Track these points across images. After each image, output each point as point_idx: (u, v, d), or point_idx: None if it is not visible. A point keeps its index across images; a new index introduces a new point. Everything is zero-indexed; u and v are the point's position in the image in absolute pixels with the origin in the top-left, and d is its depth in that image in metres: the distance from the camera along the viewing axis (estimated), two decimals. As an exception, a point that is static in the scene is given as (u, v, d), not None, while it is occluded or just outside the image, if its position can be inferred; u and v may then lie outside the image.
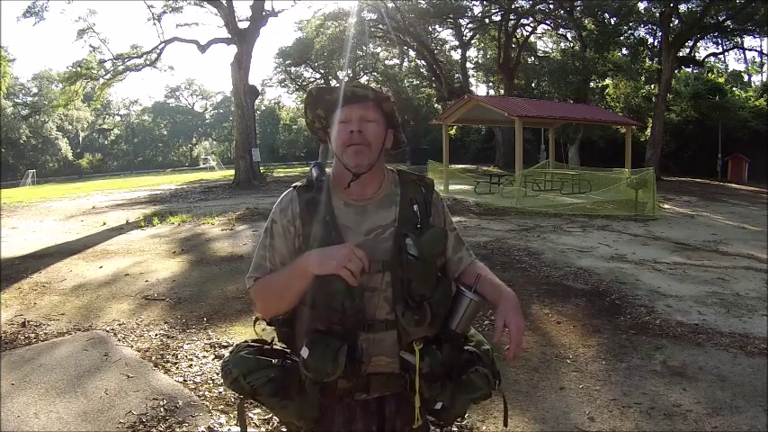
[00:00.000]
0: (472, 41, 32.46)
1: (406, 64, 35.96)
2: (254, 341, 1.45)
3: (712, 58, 28.24)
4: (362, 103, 1.34)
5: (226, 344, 3.99)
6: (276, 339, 1.47)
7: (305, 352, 1.29)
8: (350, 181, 1.34)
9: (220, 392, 3.22)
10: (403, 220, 1.37)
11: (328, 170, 1.45)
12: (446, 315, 1.36)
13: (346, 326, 1.30)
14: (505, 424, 1.56)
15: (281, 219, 1.39)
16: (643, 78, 24.95)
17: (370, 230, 1.36)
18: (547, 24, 28.73)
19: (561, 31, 28.74)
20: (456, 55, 32.98)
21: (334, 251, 1.25)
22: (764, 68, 31.97)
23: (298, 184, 1.42)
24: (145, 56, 22.08)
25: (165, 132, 57.99)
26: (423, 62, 31.69)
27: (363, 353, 1.31)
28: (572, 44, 27.51)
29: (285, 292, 1.32)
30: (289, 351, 1.43)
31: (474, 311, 1.35)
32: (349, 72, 31.61)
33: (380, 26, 27.81)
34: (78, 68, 21.49)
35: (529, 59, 31.38)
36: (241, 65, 18.77)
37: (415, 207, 1.38)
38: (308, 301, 1.32)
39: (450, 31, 31.01)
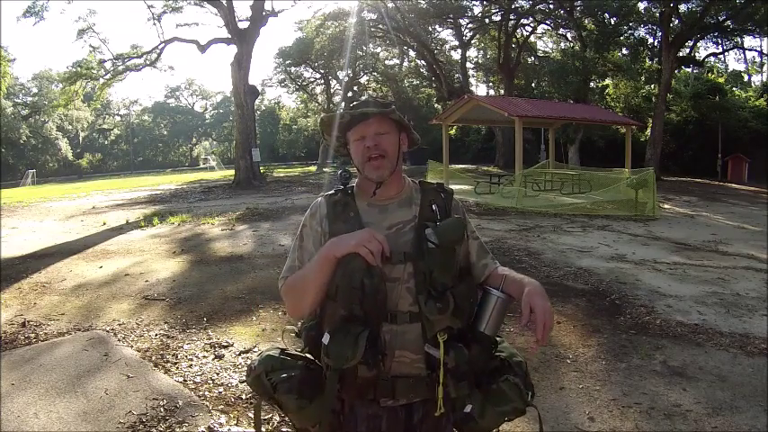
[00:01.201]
0: (472, 41, 32.44)
1: (406, 64, 35.94)
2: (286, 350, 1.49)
3: (712, 58, 28.21)
4: (373, 119, 1.42)
5: (226, 344, 3.99)
6: (304, 346, 1.46)
7: (326, 338, 1.30)
8: (375, 189, 1.43)
9: (220, 392, 3.23)
10: (423, 217, 1.43)
11: (353, 177, 1.54)
12: (474, 316, 1.37)
13: (366, 307, 1.30)
14: None
15: (310, 222, 1.48)
16: (643, 78, 24.93)
17: (392, 226, 1.42)
18: (547, 24, 28.72)
19: (561, 31, 28.74)
20: (456, 55, 33.01)
21: (355, 233, 1.33)
22: (764, 68, 31.99)
23: (326, 193, 1.51)
24: (145, 56, 22.08)
25: (165, 132, 57.96)
26: (423, 62, 31.67)
27: (386, 344, 1.33)
28: (572, 44, 27.49)
29: (310, 282, 1.35)
30: (314, 358, 1.43)
31: (501, 310, 1.35)
32: (349, 72, 31.61)
33: (380, 26, 27.79)
34: (78, 68, 21.48)
35: (529, 59, 31.36)
36: (241, 65, 18.77)
37: (434, 206, 1.44)
38: (331, 293, 1.34)
39: (450, 31, 31.01)
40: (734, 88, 28.27)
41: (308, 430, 1.43)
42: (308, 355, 1.45)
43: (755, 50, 30.44)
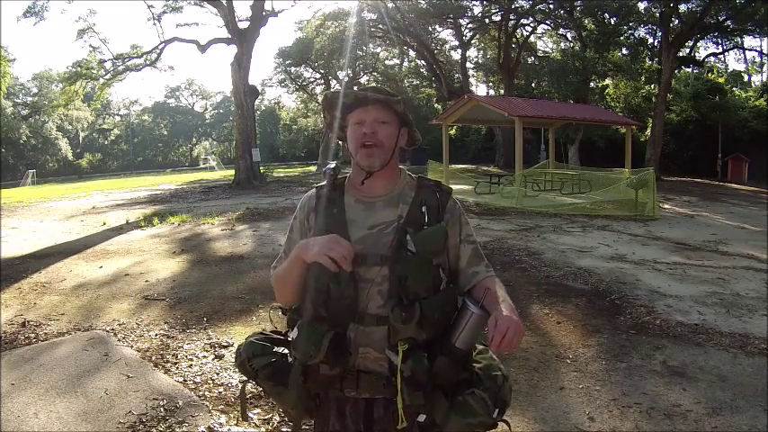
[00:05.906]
0: (472, 41, 32.38)
1: (406, 64, 35.92)
2: (271, 331, 1.57)
3: (712, 58, 28.24)
4: (376, 105, 1.41)
5: (226, 344, 3.99)
6: (287, 327, 1.53)
7: (294, 333, 1.39)
8: (363, 179, 1.42)
9: (220, 392, 3.23)
10: (409, 219, 1.40)
11: (347, 172, 1.52)
12: (447, 327, 1.33)
13: (332, 311, 1.35)
14: None
15: (299, 214, 1.52)
16: (643, 78, 24.90)
17: (375, 225, 1.40)
18: (547, 24, 28.67)
19: (561, 31, 28.68)
20: (456, 55, 32.93)
21: (319, 239, 1.34)
22: (764, 68, 31.97)
23: (319, 184, 1.51)
24: (145, 56, 22.07)
25: (165, 132, 57.95)
26: (423, 62, 31.64)
27: (351, 342, 1.36)
28: (572, 44, 27.47)
29: (287, 277, 1.43)
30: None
31: (476, 326, 1.30)
32: (349, 72, 31.59)
33: (380, 26, 27.75)
34: (78, 68, 21.46)
35: (529, 59, 31.31)
36: (241, 65, 18.76)
37: (424, 208, 1.41)
38: (306, 287, 1.39)
39: (450, 31, 30.92)
40: (734, 88, 28.21)
41: (289, 411, 1.53)
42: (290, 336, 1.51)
43: (755, 50, 30.39)
